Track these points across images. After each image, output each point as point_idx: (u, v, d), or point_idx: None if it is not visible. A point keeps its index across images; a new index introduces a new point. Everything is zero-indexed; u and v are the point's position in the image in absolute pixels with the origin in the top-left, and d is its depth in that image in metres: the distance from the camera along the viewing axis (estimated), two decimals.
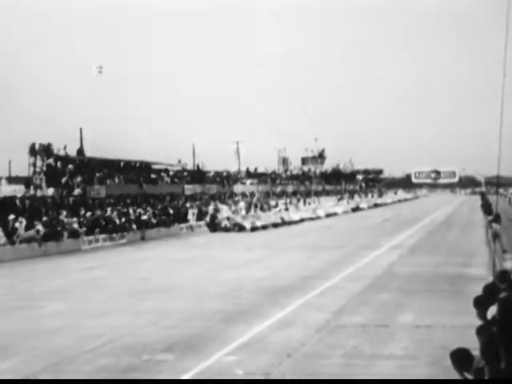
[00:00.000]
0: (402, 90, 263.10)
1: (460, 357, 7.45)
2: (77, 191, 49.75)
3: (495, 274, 12.65)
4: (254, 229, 56.68)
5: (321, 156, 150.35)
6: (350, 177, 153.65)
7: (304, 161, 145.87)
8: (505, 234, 33.90)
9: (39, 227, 39.63)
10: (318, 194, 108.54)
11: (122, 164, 61.89)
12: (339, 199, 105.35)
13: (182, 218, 58.24)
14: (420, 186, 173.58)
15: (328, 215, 78.13)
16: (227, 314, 19.81)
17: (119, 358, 14.72)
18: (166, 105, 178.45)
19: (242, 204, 72.07)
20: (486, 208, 58.45)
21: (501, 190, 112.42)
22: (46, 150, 51.37)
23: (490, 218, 40.46)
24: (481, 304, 9.79)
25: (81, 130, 62.14)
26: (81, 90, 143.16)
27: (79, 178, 51.03)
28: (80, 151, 59.35)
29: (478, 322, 9.43)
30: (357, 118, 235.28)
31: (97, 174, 54.60)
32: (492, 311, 9.13)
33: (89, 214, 46.52)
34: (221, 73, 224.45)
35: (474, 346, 8.30)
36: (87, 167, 54.92)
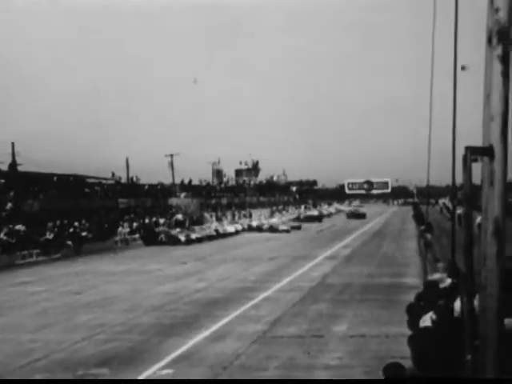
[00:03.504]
0: (335, 102, 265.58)
1: (392, 371, 7.57)
2: (9, 206, 49.01)
3: (423, 283, 12.88)
4: (188, 241, 56.60)
5: (255, 168, 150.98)
6: (284, 188, 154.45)
7: (238, 173, 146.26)
8: (436, 243, 34.47)
9: None
10: (252, 205, 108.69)
11: (55, 178, 61.14)
12: (274, 211, 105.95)
13: (116, 231, 57.84)
14: (353, 196, 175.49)
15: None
16: (163, 327, 19.74)
17: (53, 374, 14.55)
18: (100, 118, 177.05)
19: (179, 216, 71.98)
20: (418, 218, 59.28)
21: (432, 200, 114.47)
22: None
23: (422, 227, 41.11)
24: (413, 312, 9.98)
25: (13, 144, 61.37)
26: (15, 103, 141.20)
27: (11, 193, 50.31)
28: (12, 166, 58.55)
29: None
30: (290, 130, 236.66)
31: (30, 189, 53.89)
32: (424, 319, 9.30)
33: (23, 228, 45.89)
34: (155, 85, 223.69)
35: (406, 354, 8.46)
36: (20, 182, 54.11)
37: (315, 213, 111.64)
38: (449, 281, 11.27)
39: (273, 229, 71.35)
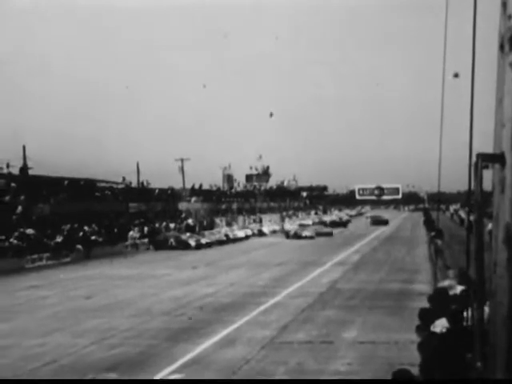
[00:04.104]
0: (346, 107, 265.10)
1: (401, 376, 7.56)
2: (19, 209, 49.06)
3: (434, 290, 12.81)
4: (198, 246, 56.55)
5: (265, 173, 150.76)
6: (295, 194, 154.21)
7: (248, 178, 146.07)
8: (447, 249, 34.34)
9: None
10: (262, 211, 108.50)
11: (66, 182, 61.13)
12: (285, 216, 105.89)
13: (126, 236, 57.81)
14: (364, 202, 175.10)
15: (274, 232, 78.29)
16: (172, 331, 19.74)
17: (63, 378, 14.55)
18: (111, 122, 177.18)
19: (190, 221, 72.06)
20: (429, 224, 59.08)
21: (442, 206, 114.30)
22: None
23: (433, 233, 40.98)
24: (426, 317, 9.92)
25: (24, 147, 61.44)
26: (25, 107, 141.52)
27: (22, 197, 50.37)
28: (23, 169, 58.62)
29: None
30: (301, 135, 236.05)
31: (40, 192, 53.92)
32: (435, 325, 9.26)
33: (33, 232, 45.97)
34: (166, 90, 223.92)
35: (416, 361, 8.44)
36: (31, 185, 54.12)
37: (353, 212, 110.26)
38: (460, 288, 11.22)
39: (296, 235, 69.63)
